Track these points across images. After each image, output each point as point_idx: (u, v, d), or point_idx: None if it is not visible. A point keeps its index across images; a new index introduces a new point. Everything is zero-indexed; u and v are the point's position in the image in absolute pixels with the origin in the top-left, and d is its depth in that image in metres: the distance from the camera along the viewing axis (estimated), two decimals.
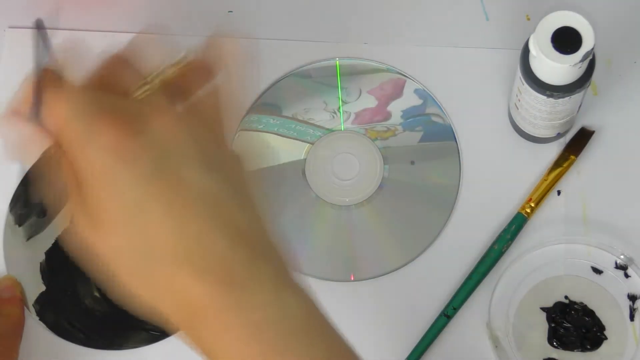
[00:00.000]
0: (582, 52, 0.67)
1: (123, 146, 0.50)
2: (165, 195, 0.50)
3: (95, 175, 0.50)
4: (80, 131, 0.50)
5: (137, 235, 0.50)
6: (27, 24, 0.82)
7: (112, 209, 0.50)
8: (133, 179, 0.50)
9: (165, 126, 0.51)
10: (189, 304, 0.50)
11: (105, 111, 0.51)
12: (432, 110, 0.80)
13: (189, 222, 0.50)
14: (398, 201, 0.79)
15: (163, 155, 0.51)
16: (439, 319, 0.75)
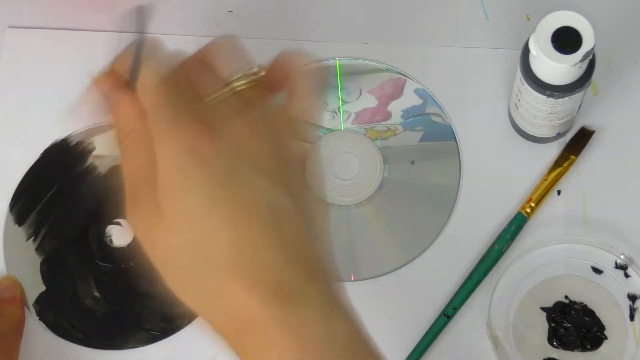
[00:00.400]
0: (582, 52, 0.67)
1: (200, 148, 0.50)
2: (231, 203, 0.50)
3: (170, 172, 0.50)
4: (164, 124, 0.51)
5: (197, 237, 0.50)
6: (27, 24, 0.83)
7: (177, 208, 0.50)
8: (204, 182, 0.50)
9: (240, 133, 0.52)
10: (236, 314, 0.50)
11: (188, 110, 0.51)
12: (432, 110, 0.80)
13: (250, 232, 0.50)
14: (398, 201, 0.79)
15: (235, 163, 0.51)
16: (439, 319, 0.75)
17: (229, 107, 0.54)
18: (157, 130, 0.51)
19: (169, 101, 0.51)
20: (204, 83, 0.55)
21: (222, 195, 0.50)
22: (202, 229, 0.50)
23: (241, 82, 0.55)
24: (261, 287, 0.50)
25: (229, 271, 0.50)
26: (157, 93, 0.52)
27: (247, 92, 0.55)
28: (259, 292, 0.50)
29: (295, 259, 0.51)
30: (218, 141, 0.51)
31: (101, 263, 0.78)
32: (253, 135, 0.52)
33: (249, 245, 0.50)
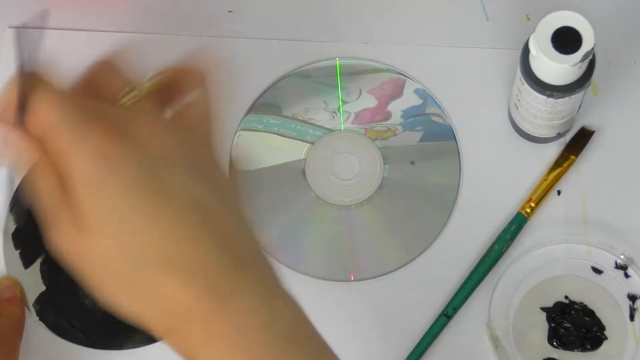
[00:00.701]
0: (582, 52, 0.67)
1: (109, 152, 0.50)
2: (153, 201, 0.50)
3: (82, 181, 0.50)
4: (66, 137, 0.50)
5: (124, 240, 0.50)
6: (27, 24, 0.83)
7: (99, 215, 0.50)
8: (120, 184, 0.49)
9: (152, 132, 0.51)
10: (174, 310, 0.50)
11: (91, 117, 0.51)
12: (432, 110, 0.80)
13: (177, 228, 0.50)
14: (398, 201, 0.79)
15: (150, 161, 0.50)
16: (439, 319, 0.75)
17: (142, 106, 0.54)
18: (63, 146, 0.50)
19: (69, 116, 0.50)
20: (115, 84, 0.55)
21: (140, 195, 0.50)
22: (126, 231, 0.50)
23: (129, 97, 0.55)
24: (196, 281, 0.49)
25: (161, 270, 0.50)
26: (54, 112, 0.51)
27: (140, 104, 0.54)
28: (194, 286, 0.49)
29: (227, 249, 0.50)
30: (129, 141, 0.50)
31: None
32: (166, 132, 0.52)
33: (177, 241, 0.50)
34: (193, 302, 0.49)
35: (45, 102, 0.51)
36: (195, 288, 0.49)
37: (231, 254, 0.51)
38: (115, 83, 0.55)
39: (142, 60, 0.81)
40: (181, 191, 0.50)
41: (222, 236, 0.51)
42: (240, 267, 0.50)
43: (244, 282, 0.50)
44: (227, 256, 0.50)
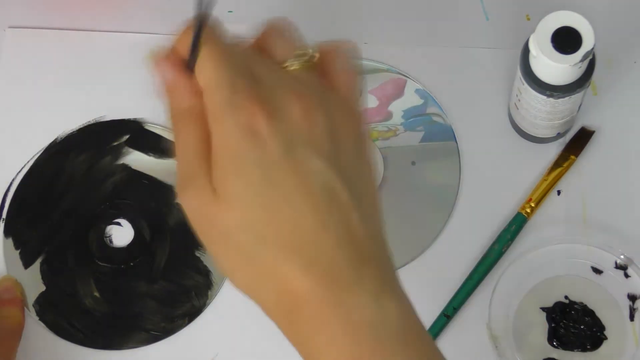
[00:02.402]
0: (582, 52, 0.67)
1: (257, 127, 0.50)
2: (288, 183, 0.50)
3: (225, 150, 0.50)
4: (221, 101, 0.50)
5: (253, 216, 0.50)
6: (27, 24, 0.83)
7: (234, 186, 0.50)
8: (261, 161, 0.50)
9: (304, 109, 0.51)
10: (289, 294, 0.50)
11: (249, 84, 0.51)
12: (432, 110, 0.80)
13: (305, 213, 0.50)
14: (398, 201, 0.79)
15: (291, 142, 0.50)
16: (439, 319, 0.75)
17: (286, 87, 0.53)
18: (214, 109, 0.51)
19: (227, 80, 0.51)
20: (284, 44, 0.55)
21: (277, 176, 0.50)
22: (257, 208, 0.50)
23: (295, 65, 0.54)
24: (315, 268, 0.50)
25: (283, 251, 0.50)
26: (215, 72, 0.51)
27: (302, 74, 0.54)
28: (312, 272, 0.50)
29: (348, 242, 0.51)
30: (275, 121, 0.50)
31: (101, 263, 0.78)
32: (310, 115, 0.51)
33: (304, 226, 0.50)
34: (308, 290, 0.50)
35: (212, 59, 0.51)
36: (312, 276, 0.50)
37: (353, 247, 0.51)
38: (282, 46, 0.55)
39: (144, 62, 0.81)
40: (317, 177, 0.51)
41: (348, 228, 0.51)
42: (359, 261, 0.51)
43: (360, 277, 0.50)
44: (349, 249, 0.50)
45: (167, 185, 0.79)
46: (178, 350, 0.76)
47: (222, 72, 0.51)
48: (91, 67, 0.82)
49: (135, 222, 0.79)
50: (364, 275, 0.51)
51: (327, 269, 0.50)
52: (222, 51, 0.52)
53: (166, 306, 0.77)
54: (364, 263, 0.51)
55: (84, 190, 0.79)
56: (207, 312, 0.77)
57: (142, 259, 0.78)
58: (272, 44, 0.55)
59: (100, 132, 0.80)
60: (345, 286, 0.50)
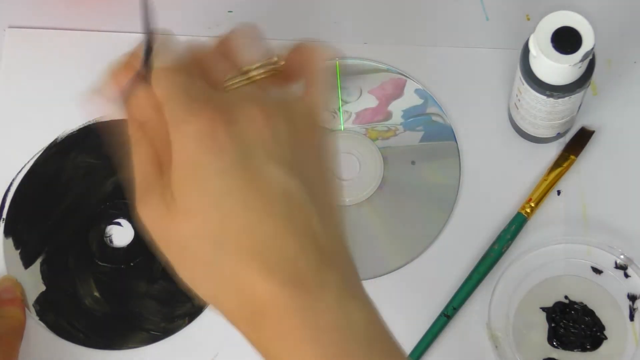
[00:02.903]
0: (582, 52, 0.67)
1: (215, 134, 0.50)
2: (246, 190, 0.50)
3: (181, 160, 0.50)
4: (178, 111, 0.51)
5: (212, 225, 0.50)
6: (27, 24, 0.83)
7: (191, 196, 0.50)
8: (218, 169, 0.50)
9: (256, 119, 0.51)
10: (252, 301, 0.50)
11: (201, 98, 0.51)
12: (432, 110, 0.80)
13: (264, 219, 0.50)
14: (398, 201, 0.79)
15: (250, 150, 0.51)
16: (439, 319, 0.75)
17: (245, 94, 0.54)
18: (172, 119, 0.51)
19: (183, 88, 0.51)
20: (220, 71, 0.55)
21: (235, 183, 0.50)
22: (215, 216, 0.50)
23: (259, 71, 0.55)
24: (277, 274, 0.50)
25: (243, 257, 0.50)
26: (171, 81, 0.52)
27: (264, 81, 0.55)
28: (275, 278, 0.50)
29: (310, 246, 0.51)
30: (233, 127, 0.51)
31: (101, 263, 0.78)
32: (269, 122, 0.52)
33: (264, 232, 0.50)
34: (270, 295, 0.49)
35: (165, 71, 0.52)
36: (274, 281, 0.50)
37: (315, 251, 0.51)
38: (222, 67, 0.55)
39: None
40: (275, 184, 0.51)
41: (308, 233, 0.51)
42: (321, 265, 0.50)
43: (323, 281, 0.50)
44: (310, 253, 0.50)
45: None
46: (178, 350, 0.76)
47: (176, 81, 0.51)
48: (91, 67, 0.82)
49: (136, 222, 0.78)
50: (327, 279, 0.50)
51: (290, 273, 0.50)
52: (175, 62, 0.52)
53: (166, 306, 0.77)
54: (327, 267, 0.51)
55: (84, 190, 0.79)
56: (207, 312, 0.77)
57: (142, 259, 0.78)
58: (235, 49, 0.55)
59: (100, 132, 0.80)
60: (308, 290, 0.50)
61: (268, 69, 0.55)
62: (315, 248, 0.51)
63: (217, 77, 0.55)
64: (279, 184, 0.51)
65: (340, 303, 0.50)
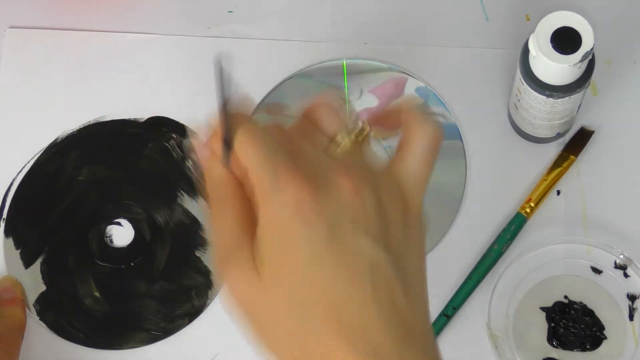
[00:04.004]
0: (582, 52, 0.67)
1: (304, 203, 0.49)
2: (333, 260, 0.49)
3: (270, 229, 0.50)
4: (265, 181, 0.50)
5: (299, 293, 0.49)
6: (27, 24, 0.83)
7: (278, 265, 0.49)
8: (307, 239, 0.49)
9: (353, 188, 0.51)
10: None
11: (292, 162, 0.50)
12: (433, 109, 0.80)
13: (351, 291, 0.49)
14: None
15: (342, 220, 0.50)
16: (439, 319, 0.75)
17: (351, 157, 0.53)
18: (260, 189, 0.50)
19: (270, 157, 0.50)
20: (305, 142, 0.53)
21: (323, 254, 0.49)
22: (302, 287, 0.49)
23: (346, 139, 0.54)
24: (359, 346, 0.49)
25: (329, 329, 0.49)
26: (257, 150, 0.50)
27: (350, 151, 0.54)
28: (357, 351, 0.49)
29: (394, 321, 0.50)
30: (322, 197, 0.50)
31: (101, 263, 0.78)
32: (357, 192, 0.51)
33: (349, 304, 0.49)
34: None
35: (247, 144, 0.51)
36: (355, 353, 0.49)
37: (399, 329, 0.50)
38: (329, 127, 0.54)
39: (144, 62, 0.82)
40: (365, 256, 0.50)
41: (394, 310, 0.50)
42: (404, 341, 0.50)
43: (405, 357, 0.49)
44: (395, 330, 0.49)
45: (167, 184, 0.79)
46: (178, 350, 0.76)
47: (262, 154, 0.50)
48: (91, 67, 0.82)
49: (135, 222, 0.79)
50: (409, 356, 0.49)
51: (374, 349, 0.49)
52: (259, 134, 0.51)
53: (166, 306, 0.77)
54: (412, 345, 0.50)
55: (84, 190, 0.79)
56: (207, 312, 0.77)
57: (142, 259, 0.78)
58: (321, 118, 0.54)
59: (100, 132, 0.81)
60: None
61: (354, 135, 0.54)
62: (399, 325, 0.50)
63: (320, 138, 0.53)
64: (368, 256, 0.50)
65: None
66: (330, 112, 0.54)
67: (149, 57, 0.82)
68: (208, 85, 0.81)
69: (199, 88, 0.81)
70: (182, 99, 0.81)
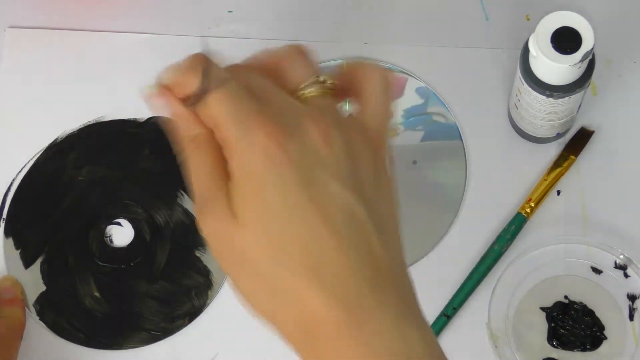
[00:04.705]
0: (582, 52, 0.67)
1: (274, 148, 0.50)
2: (306, 206, 0.50)
3: (243, 173, 0.50)
4: (233, 129, 0.50)
5: (271, 238, 0.50)
6: (27, 24, 0.83)
7: (252, 208, 0.50)
8: (279, 183, 0.50)
9: (321, 133, 0.51)
10: (309, 319, 0.49)
11: (262, 109, 0.51)
12: (433, 109, 0.80)
13: (324, 236, 0.49)
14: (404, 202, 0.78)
15: (312, 164, 0.50)
16: (439, 319, 0.75)
17: (322, 102, 0.53)
18: (228, 136, 0.50)
19: (240, 105, 0.51)
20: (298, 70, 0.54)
21: (295, 197, 0.50)
22: (275, 229, 0.50)
23: (310, 89, 0.54)
24: (334, 290, 0.49)
25: (301, 273, 0.49)
26: (226, 99, 0.51)
27: (316, 99, 0.54)
28: (332, 294, 0.49)
29: (369, 265, 0.50)
30: (296, 139, 0.50)
31: (101, 263, 0.78)
32: (326, 139, 0.51)
33: (321, 248, 0.49)
34: (328, 314, 0.49)
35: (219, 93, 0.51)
36: (332, 298, 0.49)
37: (374, 271, 0.50)
38: (298, 71, 0.54)
39: (144, 62, 0.82)
40: (336, 200, 0.50)
41: (368, 252, 0.50)
42: (380, 286, 0.50)
43: (381, 303, 0.49)
44: (369, 273, 0.50)
45: (167, 184, 0.79)
46: (178, 350, 0.76)
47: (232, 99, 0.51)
48: (91, 67, 0.82)
49: (135, 222, 0.79)
50: (384, 300, 0.50)
51: (347, 291, 0.49)
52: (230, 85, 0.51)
53: (166, 306, 0.77)
54: (386, 288, 0.50)
55: (84, 190, 0.79)
56: (207, 312, 0.77)
57: (142, 259, 0.78)
58: (287, 68, 0.54)
59: (100, 132, 0.81)
60: (366, 310, 0.49)
61: (318, 87, 0.54)
62: (374, 267, 0.50)
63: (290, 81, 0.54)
64: (339, 200, 0.50)
65: (398, 327, 0.49)
66: (296, 62, 0.55)
67: (149, 57, 0.82)
68: None
69: None
70: None
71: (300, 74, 0.54)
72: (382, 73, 0.55)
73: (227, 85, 0.51)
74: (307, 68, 0.55)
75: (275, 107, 0.51)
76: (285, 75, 0.54)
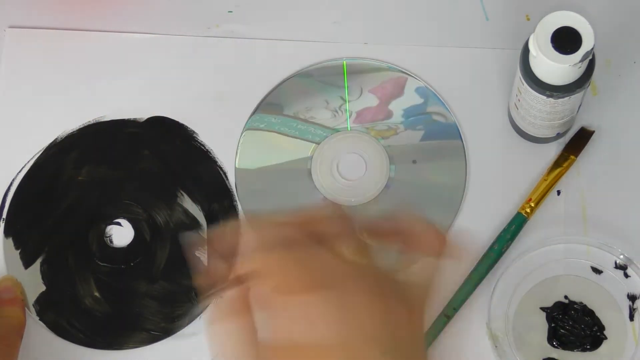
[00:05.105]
0: (582, 52, 0.67)
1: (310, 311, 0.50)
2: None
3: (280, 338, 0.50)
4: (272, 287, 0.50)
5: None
6: (27, 24, 0.83)
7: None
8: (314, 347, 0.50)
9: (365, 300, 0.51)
10: None
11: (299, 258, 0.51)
12: (433, 109, 0.80)
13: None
14: (404, 201, 0.79)
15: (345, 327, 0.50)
16: (439, 319, 0.75)
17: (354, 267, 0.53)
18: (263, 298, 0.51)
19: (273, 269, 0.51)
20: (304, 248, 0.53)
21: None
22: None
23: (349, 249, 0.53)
24: None
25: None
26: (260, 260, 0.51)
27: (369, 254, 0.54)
28: None
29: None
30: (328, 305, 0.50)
31: (101, 263, 0.78)
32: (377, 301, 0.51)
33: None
34: None
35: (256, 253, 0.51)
36: None
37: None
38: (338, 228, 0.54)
39: (144, 62, 0.82)
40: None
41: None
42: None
43: None
44: None
45: (167, 184, 0.79)
46: (178, 350, 0.76)
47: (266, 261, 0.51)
48: (91, 67, 0.82)
49: (135, 222, 0.79)
50: None
51: None
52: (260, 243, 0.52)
53: (166, 306, 0.77)
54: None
55: (84, 190, 0.79)
56: (207, 312, 0.77)
57: (142, 259, 0.78)
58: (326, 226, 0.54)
59: (100, 132, 0.81)
60: None
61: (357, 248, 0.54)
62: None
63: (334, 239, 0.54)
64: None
65: None
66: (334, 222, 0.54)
67: (149, 57, 0.82)
68: (208, 86, 0.82)
69: (198, 88, 0.81)
70: (182, 99, 0.81)
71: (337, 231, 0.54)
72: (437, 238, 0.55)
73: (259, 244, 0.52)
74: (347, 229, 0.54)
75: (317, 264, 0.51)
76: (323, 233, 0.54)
